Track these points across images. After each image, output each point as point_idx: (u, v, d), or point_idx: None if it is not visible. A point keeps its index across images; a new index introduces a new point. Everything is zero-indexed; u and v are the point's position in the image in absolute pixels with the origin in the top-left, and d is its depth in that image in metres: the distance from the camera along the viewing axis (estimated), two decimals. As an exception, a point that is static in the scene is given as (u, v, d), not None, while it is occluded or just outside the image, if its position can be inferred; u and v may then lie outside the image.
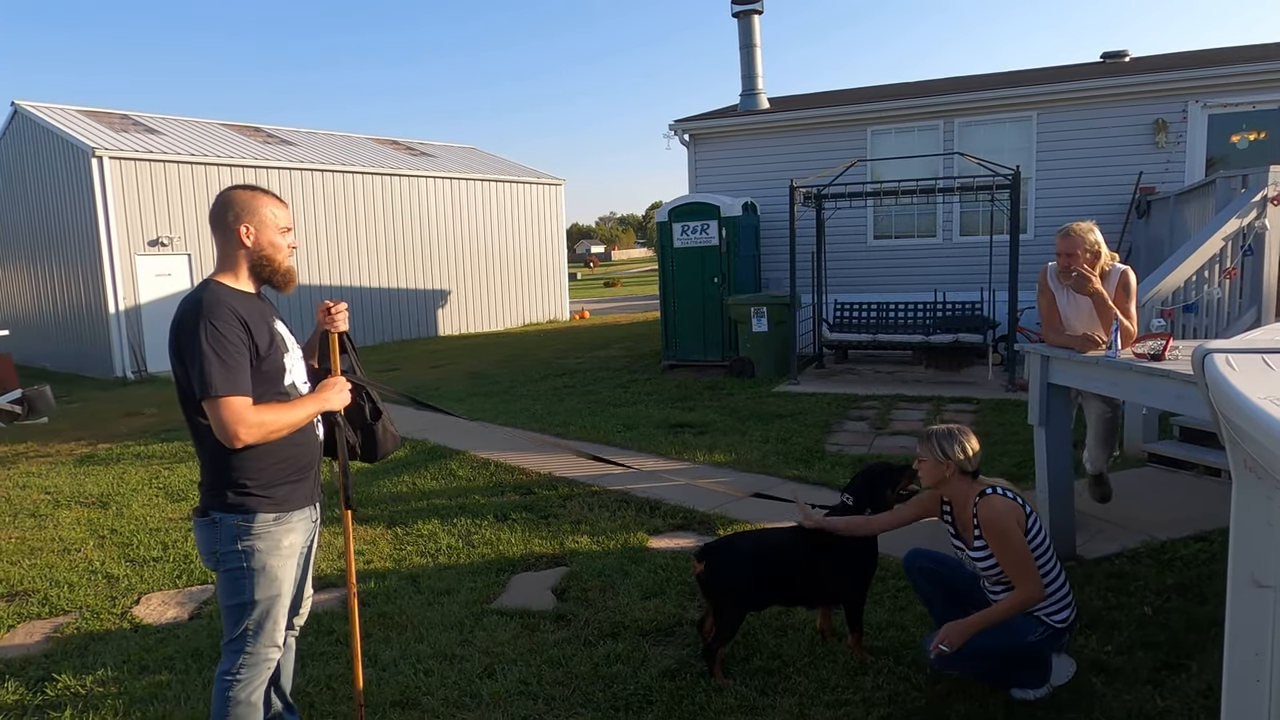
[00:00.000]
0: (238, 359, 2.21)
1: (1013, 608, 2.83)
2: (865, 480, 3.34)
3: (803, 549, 3.24)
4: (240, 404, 2.20)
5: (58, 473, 7.20)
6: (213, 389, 2.17)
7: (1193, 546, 4.09)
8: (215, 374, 2.17)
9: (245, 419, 2.20)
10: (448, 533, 4.98)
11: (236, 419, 2.18)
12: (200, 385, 2.19)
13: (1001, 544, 2.83)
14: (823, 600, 3.37)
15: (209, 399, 2.18)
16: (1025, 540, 2.83)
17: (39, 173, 16.43)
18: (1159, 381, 3.29)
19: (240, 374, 2.22)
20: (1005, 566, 2.85)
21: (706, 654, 3.19)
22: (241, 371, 2.22)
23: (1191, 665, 3.02)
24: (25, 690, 3.36)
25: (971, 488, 3.00)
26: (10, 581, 4.60)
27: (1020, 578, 2.82)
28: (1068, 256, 3.93)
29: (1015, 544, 2.82)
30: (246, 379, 2.23)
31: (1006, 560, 2.84)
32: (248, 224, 2.35)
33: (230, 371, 2.19)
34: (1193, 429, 5.39)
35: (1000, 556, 2.85)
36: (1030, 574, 2.81)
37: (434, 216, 19.45)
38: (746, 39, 13.34)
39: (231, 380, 2.19)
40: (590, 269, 75.31)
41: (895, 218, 11.67)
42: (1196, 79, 10.10)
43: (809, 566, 3.22)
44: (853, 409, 7.89)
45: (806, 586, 3.26)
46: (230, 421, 2.18)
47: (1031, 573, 2.82)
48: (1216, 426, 1.55)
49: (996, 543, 2.84)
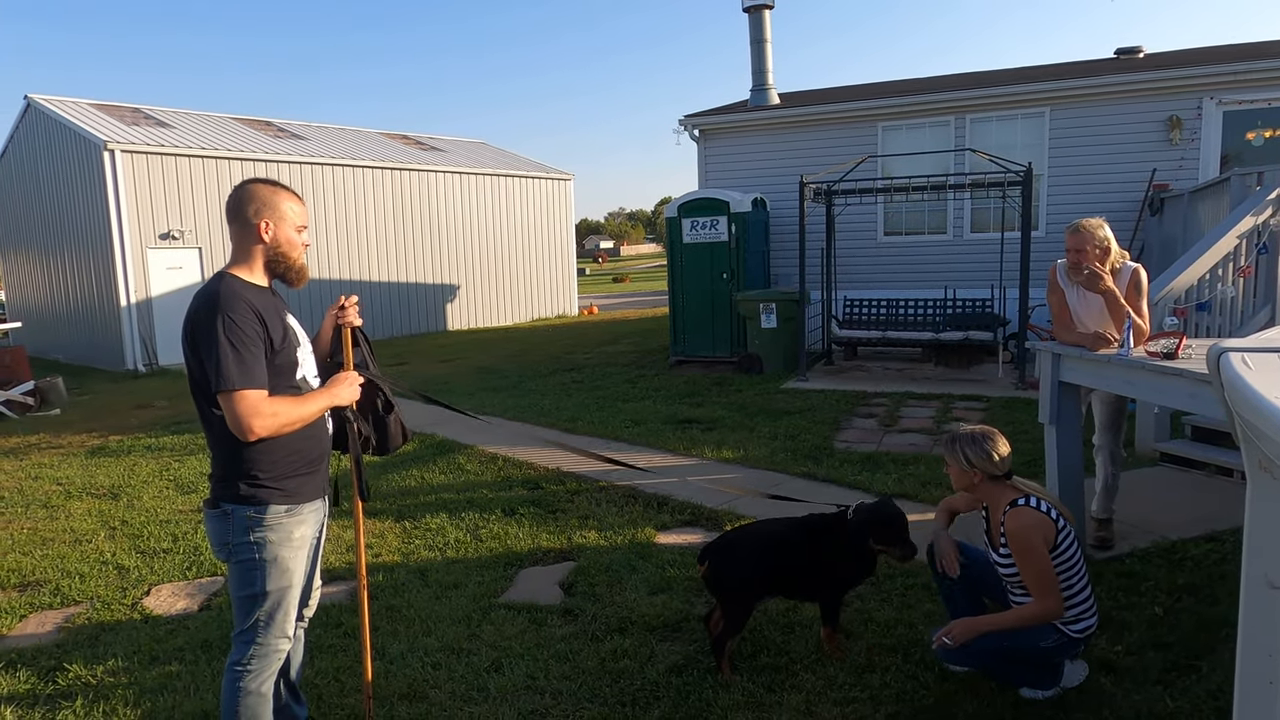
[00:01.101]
0: (254, 352, 2.22)
1: (1028, 619, 2.81)
2: (872, 516, 3.17)
3: (803, 542, 3.24)
4: (256, 397, 2.21)
5: (69, 464, 7.25)
6: (229, 382, 2.18)
7: (1204, 547, 4.06)
8: (231, 367, 2.18)
9: (260, 411, 2.21)
10: (455, 527, 5.00)
11: (252, 412, 2.19)
12: (216, 378, 2.19)
13: (1023, 559, 2.80)
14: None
15: (224, 392, 2.19)
16: (1048, 557, 2.78)
17: (52, 166, 16.53)
18: (1172, 380, 3.27)
19: (256, 367, 2.22)
20: (1026, 580, 2.82)
21: (715, 647, 3.18)
22: (257, 364, 2.23)
23: (1202, 666, 3.00)
24: (37, 679, 3.39)
25: (1003, 493, 2.93)
26: (22, 572, 4.64)
27: (1040, 593, 2.78)
28: (1077, 253, 3.90)
29: (1036, 560, 2.77)
30: (263, 372, 2.24)
31: (1027, 575, 2.80)
32: (268, 219, 2.36)
33: (246, 365, 2.20)
34: (1205, 428, 5.35)
35: (1022, 570, 2.82)
36: (1050, 591, 2.77)
37: (444, 211, 19.47)
38: (757, 34, 13.30)
39: (247, 373, 2.20)
40: (599, 264, 75.34)
41: (905, 214, 11.62)
42: (1211, 75, 10.00)
43: (811, 558, 3.21)
44: (861, 406, 7.86)
45: (809, 579, 3.25)
46: (245, 414, 2.19)
47: (1051, 590, 2.77)
48: (1231, 426, 1.54)
49: (1019, 556, 2.81)
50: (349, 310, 2.61)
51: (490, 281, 20.62)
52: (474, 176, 20.09)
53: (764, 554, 3.23)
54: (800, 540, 3.26)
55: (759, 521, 3.70)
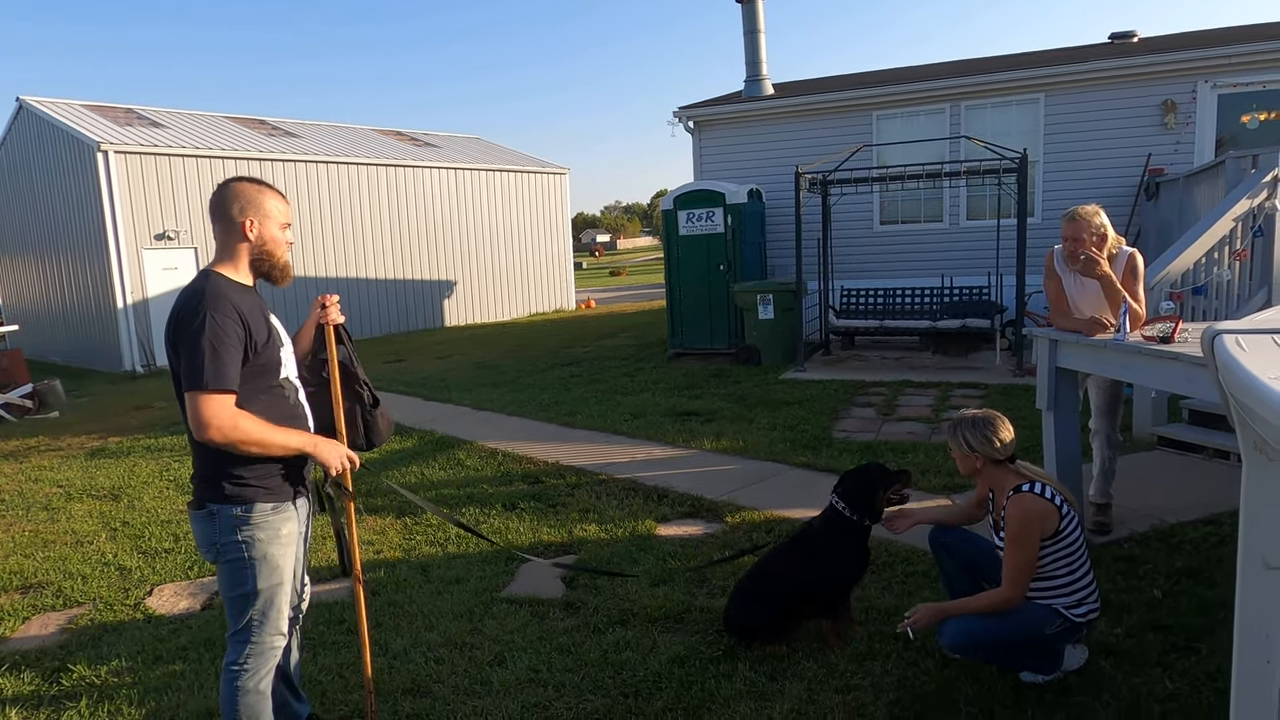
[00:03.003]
0: (231, 355, 2.20)
1: (991, 604, 2.82)
2: (857, 481, 3.29)
3: (796, 567, 3.29)
4: (221, 400, 2.18)
5: (69, 466, 7.25)
6: (199, 382, 2.16)
7: (1202, 530, 4.08)
8: (206, 367, 2.16)
9: (220, 417, 2.17)
10: (456, 522, 5.00)
11: (214, 414, 2.17)
12: (188, 377, 2.18)
13: (1013, 545, 2.80)
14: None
15: (193, 391, 2.17)
16: (1037, 551, 2.78)
17: (45, 167, 16.47)
18: (1168, 364, 3.27)
19: (229, 370, 2.20)
20: (1005, 563, 2.82)
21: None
22: (231, 368, 2.20)
23: (1201, 648, 3.01)
24: (42, 681, 3.40)
25: (1008, 478, 2.92)
26: (24, 574, 4.64)
27: (1011, 579, 2.79)
28: (1074, 241, 3.91)
29: (1025, 550, 2.77)
30: (235, 376, 2.22)
31: (1009, 559, 2.80)
32: (252, 217, 2.35)
33: (219, 367, 2.18)
34: (1202, 411, 5.36)
35: (1007, 553, 2.82)
36: (1021, 582, 2.79)
37: (439, 207, 19.44)
38: (750, 25, 13.26)
39: (219, 375, 2.18)
40: (595, 258, 75.25)
41: (901, 203, 11.61)
42: (1206, 59, 9.99)
43: (804, 580, 3.26)
44: (860, 395, 7.88)
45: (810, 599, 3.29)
46: (207, 415, 2.16)
47: (1022, 581, 2.79)
48: (1226, 408, 1.54)
49: (1010, 542, 2.81)
50: (330, 309, 2.61)
51: (487, 277, 20.60)
52: (469, 172, 20.05)
53: (768, 591, 3.29)
54: (794, 563, 3.31)
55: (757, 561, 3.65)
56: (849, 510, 3.25)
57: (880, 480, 3.27)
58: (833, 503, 3.30)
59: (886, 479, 3.28)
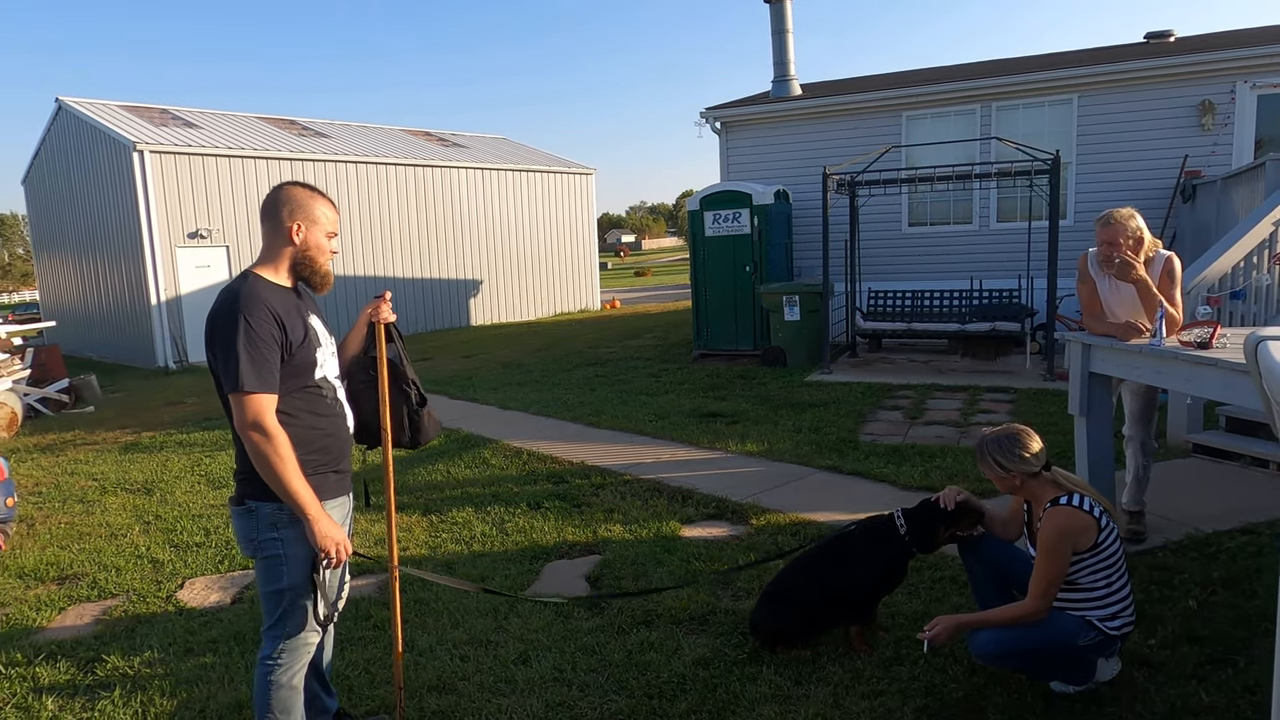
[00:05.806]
0: (267, 356, 2.24)
1: (1013, 617, 2.77)
2: (925, 512, 3.22)
3: (828, 572, 3.26)
4: (264, 401, 2.23)
5: (104, 460, 7.40)
6: (241, 384, 2.20)
7: (1239, 539, 3.99)
8: (245, 369, 2.20)
9: (264, 420, 2.21)
10: (482, 520, 5.03)
11: (257, 415, 2.21)
12: (228, 379, 2.22)
13: (1044, 557, 2.75)
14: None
15: (235, 393, 2.22)
16: (1067, 566, 2.73)
17: (83, 167, 16.82)
18: (1206, 370, 3.21)
19: (269, 372, 2.24)
20: (1035, 571, 2.77)
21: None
22: (270, 370, 2.24)
23: (1238, 660, 2.95)
24: (76, 670, 3.47)
25: (1045, 489, 2.87)
26: (61, 565, 4.74)
27: (1037, 592, 2.74)
28: (1109, 245, 3.84)
29: (1055, 564, 2.73)
30: (275, 378, 2.26)
31: (1038, 570, 2.75)
32: (300, 222, 2.38)
33: (259, 369, 2.22)
34: (1239, 419, 5.25)
35: (1036, 564, 2.77)
36: (1046, 595, 2.74)
37: (466, 207, 19.58)
38: (779, 25, 13.21)
39: (259, 377, 2.22)
40: (621, 258, 75.39)
41: (930, 204, 11.49)
42: (1245, 58, 9.78)
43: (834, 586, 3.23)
44: (887, 399, 7.81)
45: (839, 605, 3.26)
46: (252, 416, 2.21)
47: (1049, 594, 2.74)
48: (1270, 415, 1.51)
49: (1041, 553, 2.76)
50: (383, 306, 2.63)
51: (513, 276, 20.70)
52: (496, 172, 20.17)
53: (796, 596, 3.27)
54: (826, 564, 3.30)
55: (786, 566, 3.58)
56: (905, 527, 3.21)
57: (944, 519, 3.18)
58: (894, 514, 3.26)
59: (954, 518, 3.18)
